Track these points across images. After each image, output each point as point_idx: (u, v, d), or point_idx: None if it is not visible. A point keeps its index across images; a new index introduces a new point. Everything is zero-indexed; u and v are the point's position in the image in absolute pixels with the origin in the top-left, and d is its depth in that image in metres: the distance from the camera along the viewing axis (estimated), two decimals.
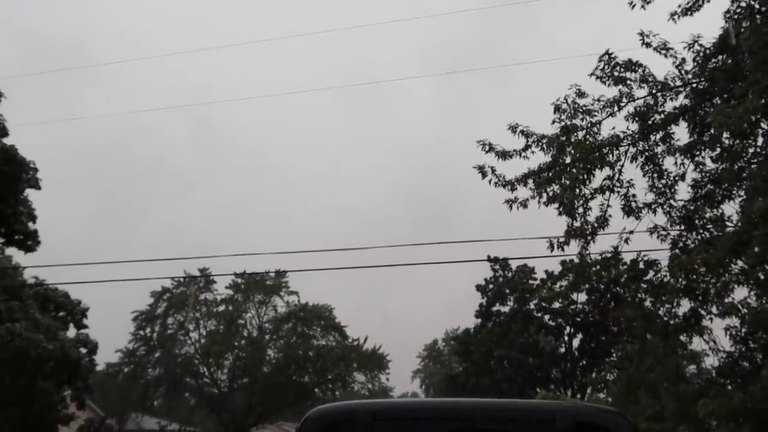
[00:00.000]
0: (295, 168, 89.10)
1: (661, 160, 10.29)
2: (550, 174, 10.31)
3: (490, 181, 10.29)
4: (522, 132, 10.40)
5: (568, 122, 10.30)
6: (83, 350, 18.91)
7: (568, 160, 10.33)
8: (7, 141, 13.24)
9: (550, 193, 10.31)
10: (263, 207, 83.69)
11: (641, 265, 12.57)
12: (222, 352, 44.10)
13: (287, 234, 74.71)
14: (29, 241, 13.63)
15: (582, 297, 31.11)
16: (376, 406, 3.83)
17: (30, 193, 13.64)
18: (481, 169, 10.23)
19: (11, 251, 15.92)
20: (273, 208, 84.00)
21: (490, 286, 35.50)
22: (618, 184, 10.33)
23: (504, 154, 10.32)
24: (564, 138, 10.19)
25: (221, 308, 45.73)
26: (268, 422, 53.14)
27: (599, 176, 10.41)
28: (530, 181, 10.22)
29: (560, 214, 10.24)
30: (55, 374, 16.41)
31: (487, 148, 10.28)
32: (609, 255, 11.38)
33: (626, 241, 10.57)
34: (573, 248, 10.66)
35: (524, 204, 10.29)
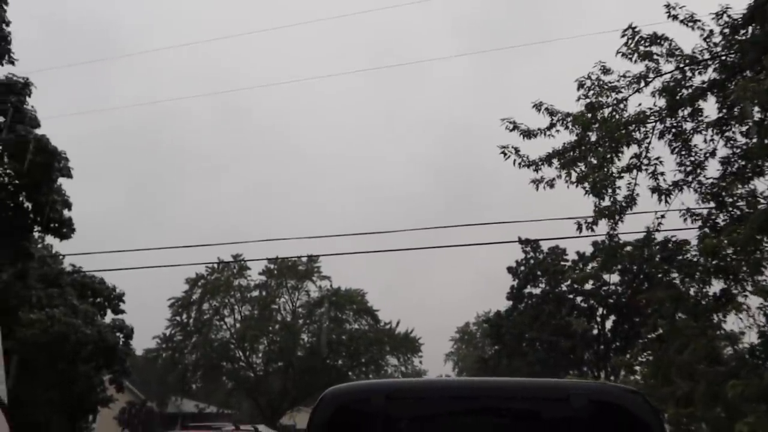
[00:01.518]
0: (325, 151, 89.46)
1: (689, 136, 10.00)
2: (576, 153, 10.13)
3: (513, 162, 10.16)
4: (546, 110, 10.21)
5: (594, 100, 10.07)
6: (120, 335, 19.52)
7: (594, 138, 10.13)
8: (38, 131, 13.64)
9: (578, 173, 10.14)
10: (294, 190, 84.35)
11: (671, 245, 12.30)
12: (257, 337, 44.90)
13: (318, 217, 75.14)
14: (64, 229, 14.03)
15: (615, 278, 30.70)
16: (391, 386, 3.82)
17: (63, 182, 14.05)
18: (504, 150, 10.10)
19: (48, 240, 16.53)
20: (304, 191, 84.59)
21: (522, 267, 35.27)
22: (646, 162, 10.08)
23: (528, 133, 10.15)
24: (589, 116, 9.99)
25: (255, 294, 46.46)
26: (303, 405, 54.06)
27: (626, 154, 10.21)
28: (555, 160, 10.06)
29: (587, 193, 10.07)
30: (93, 358, 17.00)
31: (511, 127, 10.12)
32: (642, 236, 11.15)
33: (660, 223, 10.35)
34: (602, 228, 10.51)
35: (551, 184, 10.13)
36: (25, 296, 15.87)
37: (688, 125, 9.97)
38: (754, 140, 9.24)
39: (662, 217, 10.24)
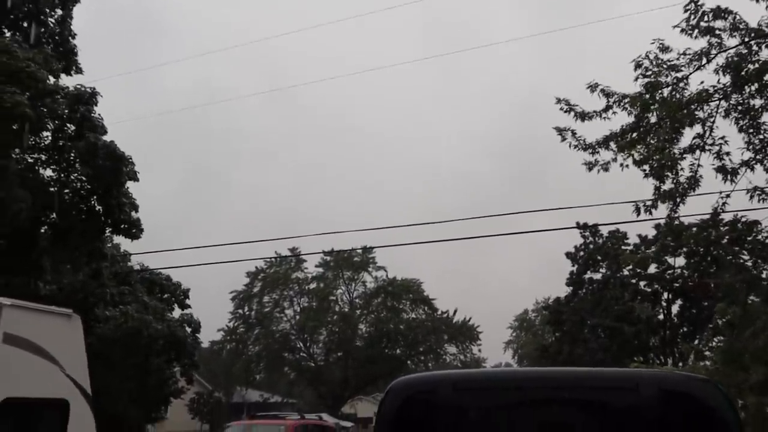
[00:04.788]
0: (383, 132, 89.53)
1: (758, 113, 9.53)
2: (635, 135, 9.83)
3: (570, 145, 9.94)
4: (602, 91, 9.93)
5: (653, 79, 9.72)
6: (188, 329, 20.36)
7: (653, 119, 9.81)
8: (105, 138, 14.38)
9: (636, 156, 9.84)
10: (351, 174, 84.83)
11: (740, 226, 11.80)
12: (316, 328, 45.76)
13: (376, 204, 75.41)
14: (134, 230, 14.75)
15: (680, 261, 29.64)
16: (457, 377, 3.85)
17: (129, 185, 14.75)
18: (561, 132, 9.89)
19: (116, 239, 17.41)
20: (361, 175, 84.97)
21: (581, 253, 34.53)
22: (710, 142, 9.68)
23: (583, 116, 9.89)
24: (648, 96, 9.66)
25: (312, 286, 47.31)
26: (363, 394, 54.80)
27: (688, 134, 9.84)
28: (612, 143, 9.80)
29: (647, 176, 9.77)
30: (165, 352, 17.83)
31: (566, 108, 9.88)
32: (707, 217, 10.72)
33: (724, 203, 9.94)
34: (662, 211, 10.18)
35: (605, 167, 9.88)
36: (100, 294, 16.82)
37: (756, 102, 9.49)
38: None
39: (727, 196, 9.83)
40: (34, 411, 6.47)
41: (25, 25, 16.79)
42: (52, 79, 14.58)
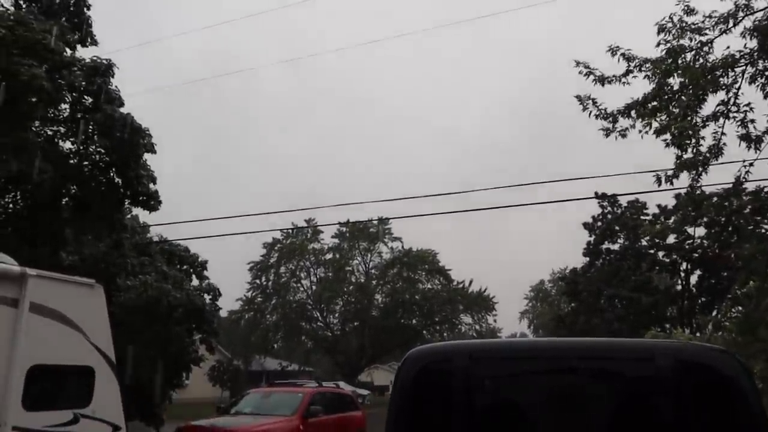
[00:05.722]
0: (403, 103, 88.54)
1: None
2: (656, 103, 9.62)
3: (590, 114, 9.77)
4: (623, 55, 9.68)
5: (676, 44, 9.45)
6: (207, 297, 20.72)
7: (676, 86, 9.58)
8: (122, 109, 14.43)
9: (658, 124, 9.64)
10: (368, 142, 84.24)
11: (763, 195, 11.59)
12: (332, 298, 46.26)
13: (392, 174, 74.95)
14: (152, 202, 14.90)
15: (700, 231, 29.29)
16: (473, 347, 3.88)
17: (147, 157, 14.84)
18: (581, 101, 9.71)
19: (136, 211, 17.63)
20: (379, 143, 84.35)
21: (598, 223, 34.29)
22: (734, 109, 9.43)
23: (602, 80, 9.67)
24: (670, 61, 9.40)
25: (329, 256, 47.67)
26: (380, 363, 55.55)
27: (712, 101, 9.59)
28: (633, 112, 9.60)
29: (668, 145, 9.58)
30: (185, 320, 18.19)
31: (585, 72, 9.67)
32: (730, 186, 10.50)
33: (747, 172, 9.73)
34: (684, 181, 10.00)
35: (623, 134, 9.70)
36: (121, 264, 17.11)
37: None
38: None
39: (750, 165, 9.62)
40: (60, 377, 6.67)
41: None
42: (68, 51, 14.60)
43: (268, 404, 13.37)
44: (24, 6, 15.73)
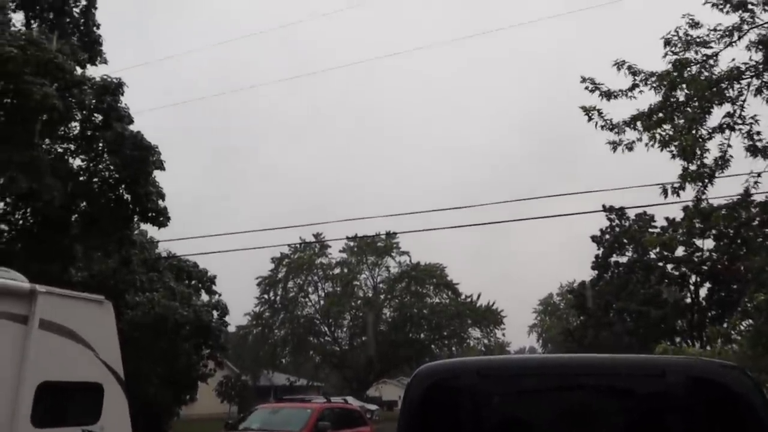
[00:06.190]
0: (409, 118, 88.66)
1: None
2: (662, 115, 9.62)
3: (596, 125, 9.77)
4: (629, 69, 9.71)
5: (681, 56, 9.48)
6: (215, 313, 20.76)
7: (681, 98, 9.59)
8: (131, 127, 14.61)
9: (664, 136, 9.63)
10: (374, 158, 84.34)
11: None
12: (340, 312, 46.14)
13: (399, 187, 74.99)
14: (161, 218, 15.01)
15: (709, 243, 29.11)
16: (481, 364, 3.86)
17: (156, 174, 14.98)
18: (587, 112, 9.72)
19: (145, 228, 17.74)
20: (384, 159, 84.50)
21: (606, 236, 34.13)
22: (740, 121, 9.43)
23: (609, 94, 9.70)
24: (676, 74, 9.43)
25: (336, 271, 47.61)
26: (388, 377, 55.23)
27: (717, 113, 9.59)
28: (639, 123, 9.61)
29: (674, 157, 9.57)
30: (192, 337, 18.22)
31: (591, 87, 9.70)
32: (737, 198, 10.46)
33: (756, 183, 9.69)
34: (690, 193, 9.96)
35: (630, 147, 9.70)
36: (130, 280, 17.22)
37: None
38: None
39: (758, 176, 9.59)
40: (69, 394, 6.67)
41: (51, 16, 17.10)
42: (79, 70, 14.81)
43: (277, 420, 13.30)
44: (35, 25, 16.00)
